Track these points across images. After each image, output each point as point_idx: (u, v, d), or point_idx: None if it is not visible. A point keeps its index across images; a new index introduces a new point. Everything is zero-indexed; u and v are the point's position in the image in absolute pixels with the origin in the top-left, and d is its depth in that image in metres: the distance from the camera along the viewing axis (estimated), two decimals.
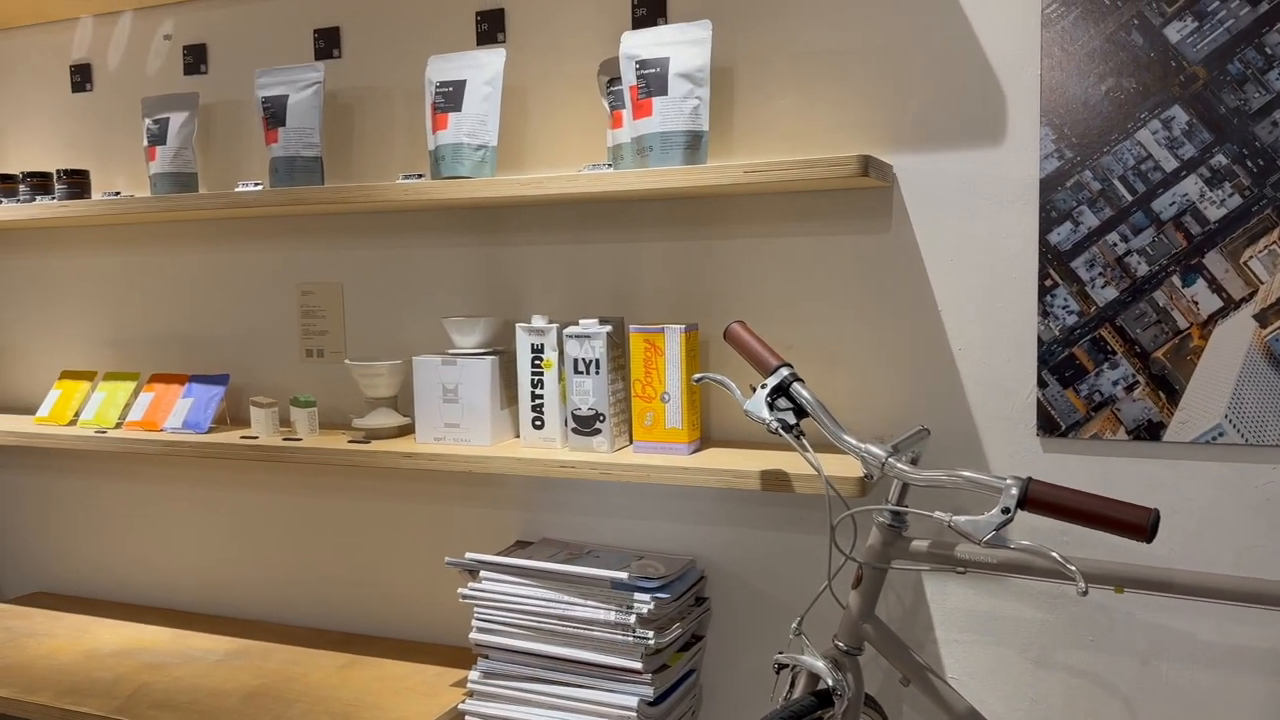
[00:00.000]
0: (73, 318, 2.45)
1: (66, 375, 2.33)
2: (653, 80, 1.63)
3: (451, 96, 1.80)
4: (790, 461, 1.63)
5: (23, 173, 2.22)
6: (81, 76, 2.37)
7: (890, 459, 1.38)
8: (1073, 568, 1.23)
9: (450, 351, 1.87)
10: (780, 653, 1.55)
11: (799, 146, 1.76)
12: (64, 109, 2.40)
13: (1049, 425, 1.63)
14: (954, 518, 1.27)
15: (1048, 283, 1.62)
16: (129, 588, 2.44)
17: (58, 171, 2.16)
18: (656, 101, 1.63)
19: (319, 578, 2.22)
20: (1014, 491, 1.25)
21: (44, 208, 2.08)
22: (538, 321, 1.78)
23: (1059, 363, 1.62)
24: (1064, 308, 1.61)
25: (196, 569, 2.35)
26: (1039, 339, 1.63)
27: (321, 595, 2.22)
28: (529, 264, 1.98)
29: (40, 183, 2.22)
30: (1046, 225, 1.61)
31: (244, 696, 1.85)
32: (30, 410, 2.52)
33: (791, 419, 1.46)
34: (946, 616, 1.73)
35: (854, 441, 1.41)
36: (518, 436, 1.88)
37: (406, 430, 1.99)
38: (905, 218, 1.70)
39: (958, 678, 1.73)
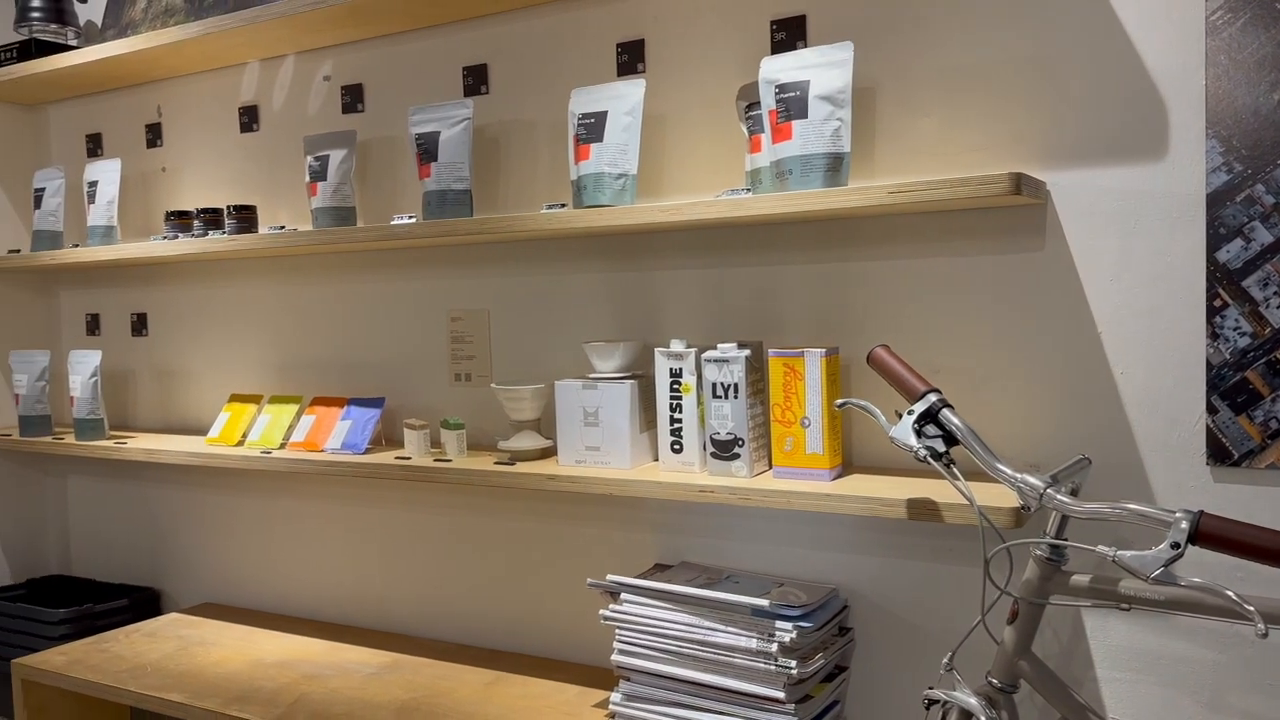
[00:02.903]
0: (241, 344, 2.61)
1: (235, 398, 2.48)
2: (792, 104, 1.63)
3: (593, 128, 1.84)
4: (936, 489, 1.58)
5: (197, 209, 2.39)
6: (249, 117, 2.53)
7: (1049, 490, 1.33)
8: (1250, 608, 1.15)
9: (591, 376, 1.90)
10: (931, 688, 1.51)
11: (944, 165, 1.72)
12: (233, 148, 2.57)
13: (1220, 454, 1.54)
14: (1118, 552, 1.21)
15: (1217, 303, 1.53)
16: (289, 600, 2.57)
17: (228, 207, 2.31)
18: (796, 125, 1.63)
19: (465, 594, 2.28)
20: (1184, 525, 1.18)
21: (215, 242, 2.23)
22: (676, 346, 1.79)
23: (1230, 387, 1.53)
24: (1235, 329, 1.52)
25: (351, 583, 2.46)
26: (1208, 362, 1.54)
27: (468, 612, 2.28)
28: (668, 289, 1.99)
29: (212, 218, 2.38)
30: (1214, 242, 1.52)
31: (395, 710, 1.92)
32: (202, 431, 2.69)
33: (941, 446, 1.42)
34: (1108, 654, 1.64)
35: (1009, 471, 1.36)
36: (656, 460, 1.89)
37: (549, 452, 2.03)
38: (1060, 236, 1.64)
39: (1120, 719, 1.64)
